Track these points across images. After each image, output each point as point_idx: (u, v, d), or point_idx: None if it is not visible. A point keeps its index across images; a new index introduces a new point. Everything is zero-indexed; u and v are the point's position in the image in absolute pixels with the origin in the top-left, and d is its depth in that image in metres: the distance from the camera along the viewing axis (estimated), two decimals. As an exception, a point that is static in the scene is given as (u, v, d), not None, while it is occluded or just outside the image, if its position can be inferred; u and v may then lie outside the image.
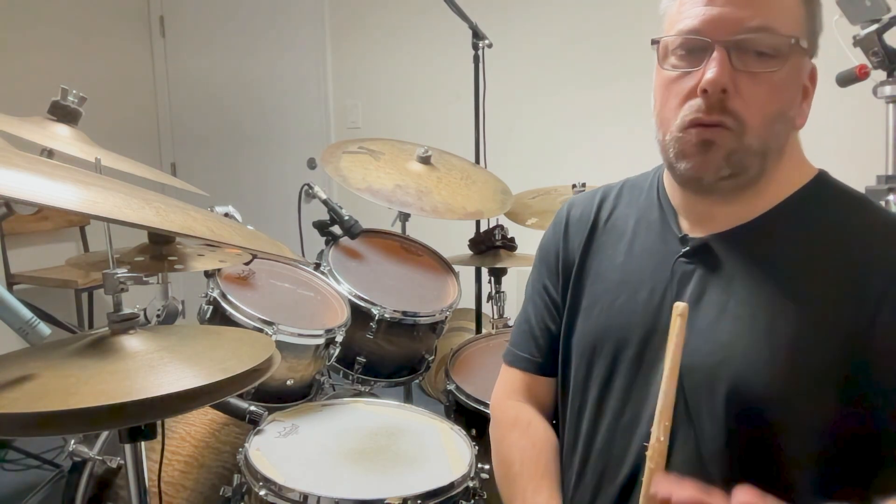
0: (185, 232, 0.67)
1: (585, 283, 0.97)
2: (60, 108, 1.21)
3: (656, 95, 0.85)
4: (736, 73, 0.76)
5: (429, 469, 1.20)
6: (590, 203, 1.02)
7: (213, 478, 1.39)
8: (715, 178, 0.80)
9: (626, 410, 0.88)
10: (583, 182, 2.14)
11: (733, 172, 0.79)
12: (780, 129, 0.80)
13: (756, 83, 0.77)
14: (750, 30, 0.76)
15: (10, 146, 0.88)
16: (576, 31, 3.25)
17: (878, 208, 0.82)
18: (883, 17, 1.65)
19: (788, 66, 0.77)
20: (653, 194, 0.95)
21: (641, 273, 0.90)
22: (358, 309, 1.70)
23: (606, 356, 0.91)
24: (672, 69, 0.81)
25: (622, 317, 0.90)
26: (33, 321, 0.88)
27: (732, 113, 0.77)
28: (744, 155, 0.78)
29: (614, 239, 0.96)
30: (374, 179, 1.94)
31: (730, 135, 0.77)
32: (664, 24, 0.85)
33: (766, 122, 0.78)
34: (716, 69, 0.75)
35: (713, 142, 0.78)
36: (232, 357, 0.87)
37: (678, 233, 0.88)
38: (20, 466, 2.53)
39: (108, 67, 3.66)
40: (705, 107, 0.77)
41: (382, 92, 3.76)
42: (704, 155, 0.79)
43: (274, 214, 2.60)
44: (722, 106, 0.77)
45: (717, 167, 0.79)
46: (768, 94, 0.77)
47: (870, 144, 2.12)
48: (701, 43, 0.78)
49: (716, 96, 0.76)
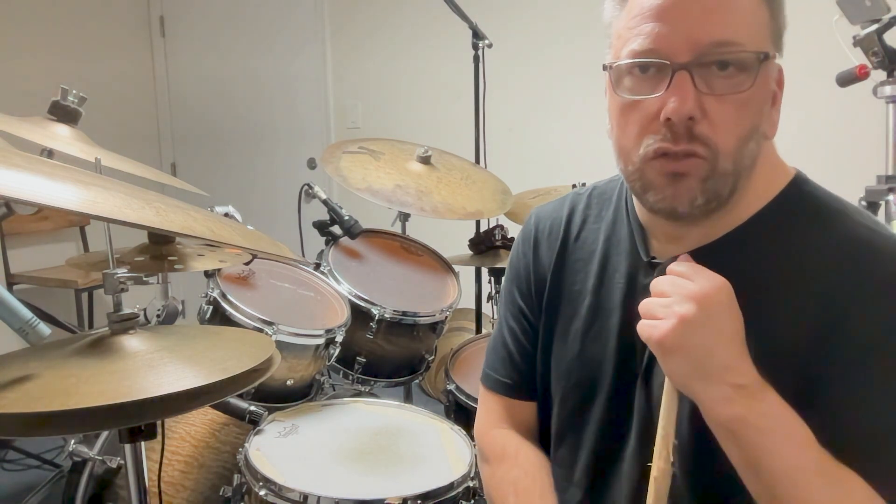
0: (185, 232, 0.67)
1: (559, 305, 0.93)
2: (60, 108, 1.21)
3: (612, 122, 0.78)
4: (701, 95, 0.69)
5: (429, 469, 1.20)
6: (558, 216, 0.96)
7: (213, 478, 1.39)
8: (689, 209, 0.73)
9: (607, 436, 0.87)
10: (583, 182, 2.14)
11: (708, 199, 0.73)
12: (753, 147, 0.73)
13: (724, 103, 0.69)
14: (712, 46, 0.68)
15: (10, 146, 0.88)
16: (576, 31, 3.24)
17: (850, 222, 0.75)
18: (883, 17, 1.65)
19: (758, 80, 0.70)
20: (621, 207, 0.90)
21: (613, 296, 0.87)
22: (358, 309, 1.70)
23: (582, 388, 0.89)
24: (627, 94, 0.73)
25: (597, 343, 0.88)
26: (33, 321, 0.88)
27: (702, 139, 0.70)
28: (718, 180, 0.71)
29: (585, 257, 0.92)
30: (374, 179, 1.94)
31: (702, 163, 0.70)
32: (611, 38, 0.77)
33: (739, 143, 0.71)
34: (679, 97, 0.68)
35: (685, 174, 0.71)
36: (232, 357, 0.87)
37: (645, 256, 0.84)
38: (20, 466, 2.53)
39: (108, 67, 3.66)
40: (671, 136, 0.70)
41: (382, 92, 3.76)
42: (675, 186, 0.72)
43: (274, 214, 2.60)
44: (689, 134, 0.69)
45: (692, 197, 0.72)
46: (738, 113, 0.70)
47: (870, 144, 2.12)
48: (657, 64, 0.70)
49: (682, 125, 0.69)
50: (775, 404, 0.69)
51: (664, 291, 0.72)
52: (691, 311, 0.69)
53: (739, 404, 0.68)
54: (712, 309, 0.69)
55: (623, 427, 0.85)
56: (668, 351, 0.70)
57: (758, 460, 0.68)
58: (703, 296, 0.69)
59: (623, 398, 0.85)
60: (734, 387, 0.69)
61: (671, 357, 0.71)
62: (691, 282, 0.71)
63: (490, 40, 2.34)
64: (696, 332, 0.69)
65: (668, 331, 0.69)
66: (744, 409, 0.68)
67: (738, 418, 0.68)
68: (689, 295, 0.70)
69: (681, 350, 0.70)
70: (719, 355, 0.69)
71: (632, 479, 0.83)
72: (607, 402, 0.87)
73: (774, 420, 0.68)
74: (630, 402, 0.84)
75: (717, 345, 0.69)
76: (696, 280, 0.71)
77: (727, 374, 0.69)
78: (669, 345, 0.70)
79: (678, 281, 0.72)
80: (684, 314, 0.69)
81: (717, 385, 0.69)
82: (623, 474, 0.85)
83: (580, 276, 0.91)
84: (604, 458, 0.87)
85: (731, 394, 0.69)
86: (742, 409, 0.68)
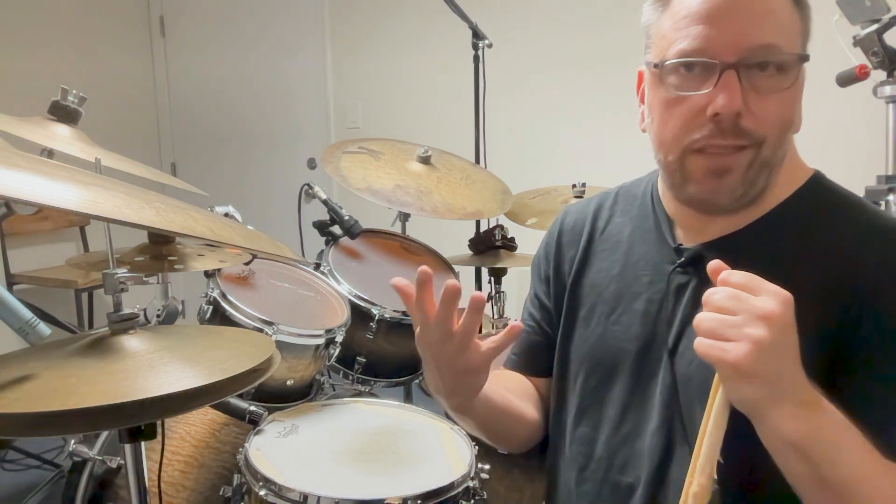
0: (185, 232, 0.66)
1: (582, 294, 0.97)
2: (60, 108, 1.21)
3: (654, 115, 0.83)
4: (745, 92, 0.74)
5: (429, 469, 1.20)
6: (584, 213, 1.02)
7: (213, 478, 1.39)
8: (729, 201, 0.79)
9: (626, 420, 0.89)
10: (583, 182, 2.14)
11: (746, 191, 0.78)
12: (789, 138, 0.80)
13: (767, 99, 0.75)
14: (756, 48, 0.74)
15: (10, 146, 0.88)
16: (576, 31, 3.25)
17: (871, 212, 0.80)
18: (883, 17, 1.66)
19: (797, 79, 0.77)
20: (647, 202, 0.95)
21: (638, 284, 0.90)
22: (358, 309, 1.70)
23: (604, 367, 0.92)
24: (674, 91, 0.78)
25: (620, 328, 0.91)
26: (33, 321, 0.88)
27: (747, 132, 0.75)
28: (758, 169, 0.77)
29: (610, 249, 0.96)
30: (374, 179, 1.94)
31: (746, 153, 0.76)
32: (653, 40, 0.83)
33: (780, 133, 0.77)
34: (728, 93, 0.73)
35: (729, 168, 0.77)
36: (232, 357, 0.87)
37: (672, 243, 0.88)
38: (20, 466, 2.53)
39: (108, 67, 3.66)
40: (718, 131, 0.75)
41: (382, 92, 3.76)
42: (718, 180, 0.77)
43: (274, 214, 2.60)
44: (736, 128, 0.75)
45: (732, 190, 0.78)
46: (780, 108, 0.76)
47: (870, 144, 2.12)
48: (705, 64, 0.75)
49: (729, 120, 0.74)
50: (834, 413, 0.68)
51: (727, 308, 0.67)
52: (766, 334, 0.65)
53: (807, 420, 0.67)
54: (784, 329, 0.66)
55: (646, 405, 0.86)
56: (743, 377, 0.66)
57: (828, 473, 0.67)
58: (776, 316, 0.65)
59: (646, 377, 0.87)
60: (800, 403, 0.67)
61: (745, 383, 0.67)
62: (758, 297, 0.67)
63: (490, 40, 2.34)
64: (772, 356, 0.65)
65: (744, 356, 0.65)
66: (812, 424, 0.67)
67: (808, 435, 0.67)
68: (762, 315, 0.65)
69: (756, 376, 0.66)
70: (790, 376, 0.67)
71: (653, 456, 0.84)
72: (630, 381, 0.89)
73: (837, 429, 0.68)
74: (653, 382, 0.86)
75: (788, 366, 0.67)
76: (764, 296, 0.66)
77: (795, 392, 0.67)
78: (745, 371, 0.66)
79: (742, 296, 0.67)
80: (760, 338, 0.65)
81: (786, 405, 0.67)
82: (645, 451, 0.86)
83: (605, 264, 0.95)
84: (626, 435, 0.89)
85: (797, 412, 0.67)
86: (810, 425, 0.67)
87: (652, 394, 0.86)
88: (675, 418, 0.83)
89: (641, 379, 0.88)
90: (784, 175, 0.82)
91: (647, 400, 0.87)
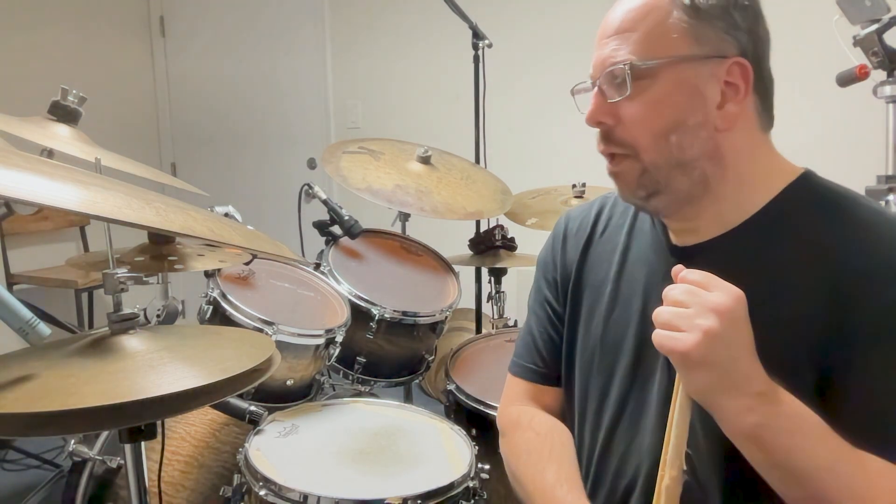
0: (185, 232, 0.67)
1: (583, 295, 0.98)
2: (60, 108, 1.21)
3: None
4: (613, 104, 0.81)
5: (429, 469, 1.20)
6: (587, 214, 1.03)
7: (213, 478, 1.39)
8: (636, 200, 0.85)
9: (623, 419, 0.90)
10: (583, 182, 2.14)
11: (651, 192, 0.82)
12: (682, 139, 0.79)
13: (633, 106, 0.80)
14: (613, 64, 0.80)
15: (10, 146, 0.88)
16: (576, 31, 3.24)
17: (864, 206, 0.79)
18: (883, 17, 1.65)
19: (661, 80, 0.78)
20: None
21: (635, 284, 0.91)
22: (358, 309, 1.70)
23: (603, 367, 0.93)
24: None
25: (617, 328, 0.92)
26: (33, 321, 0.88)
27: (619, 141, 0.81)
28: (652, 173, 0.81)
29: (609, 249, 0.97)
30: (374, 179, 1.94)
31: (627, 160, 0.82)
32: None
33: (656, 137, 0.79)
34: (589, 107, 0.83)
35: (617, 172, 0.84)
36: (232, 357, 0.87)
37: (668, 243, 0.89)
38: (20, 466, 2.53)
39: (108, 67, 3.66)
40: (599, 140, 0.84)
41: (382, 92, 3.76)
42: (617, 183, 0.85)
43: (274, 214, 2.60)
44: (608, 137, 0.82)
45: (632, 191, 0.84)
46: (647, 112, 0.79)
47: (870, 144, 2.12)
48: (590, 87, 0.85)
49: (602, 130, 0.83)
50: (791, 403, 0.70)
51: (682, 301, 0.71)
52: (715, 324, 0.68)
53: (761, 411, 0.69)
54: (735, 321, 0.69)
55: (644, 404, 0.87)
56: (693, 365, 0.69)
57: (784, 461, 0.69)
58: (726, 308, 0.68)
59: (644, 377, 0.88)
60: (754, 395, 0.69)
61: (695, 371, 0.70)
62: (710, 292, 0.70)
63: (490, 40, 2.34)
64: (720, 345, 0.68)
65: (693, 345, 0.68)
66: (765, 415, 0.69)
67: (761, 425, 0.69)
68: (712, 307, 0.69)
69: (705, 364, 0.69)
70: (741, 367, 0.69)
71: (652, 455, 0.85)
72: (628, 381, 0.90)
73: (793, 419, 0.69)
74: (651, 381, 0.87)
75: (740, 357, 0.69)
76: (715, 290, 0.70)
77: (748, 384, 0.69)
78: (694, 359, 0.69)
79: (696, 290, 0.71)
80: (709, 328, 0.68)
81: (740, 396, 0.69)
82: (643, 450, 0.87)
83: (603, 266, 0.97)
84: (624, 434, 0.89)
85: (752, 403, 0.69)
86: (764, 416, 0.69)
87: (649, 393, 0.87)
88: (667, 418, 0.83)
89: (638, 379, 0.88)
90: (762, 177, 0.82)
91: (645, 400, 0.87)
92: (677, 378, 0.75)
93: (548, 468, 0.92)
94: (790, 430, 0.69)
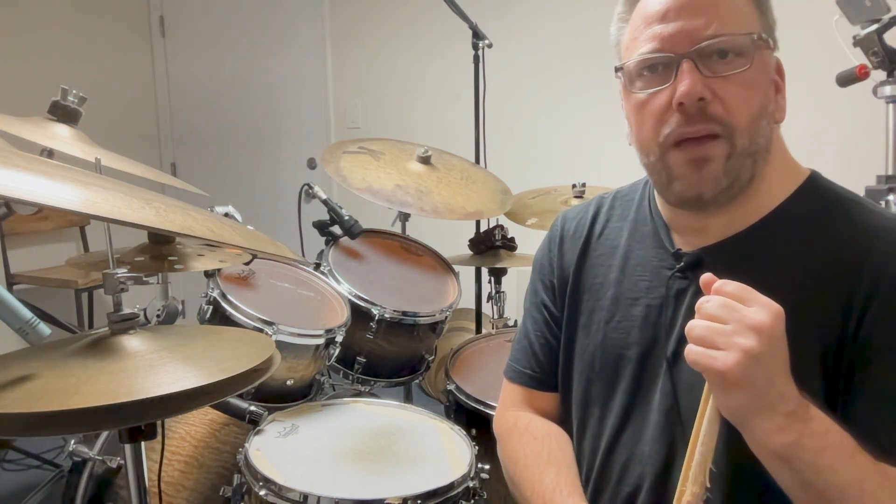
0: (185, 232, 0.66)
1: (581, 299, 0.96)
2: (60, 108, 1.21)
3: (631, 121, 0.84)
4: (707, 80, 0.75)
5: (429, 469, 1.20)
6: (583, 217, 1.01)
7: (213, 478, 1.39)
8: (714, 192, 0.78)
9: (627, 427, 0.88)
10: (583, 182, 2.14)
11: (731, 181, 0.77)
12: (764, 126, 0.78)
13: (730, 84, 0.75)
14: (709, 37, 0.75)
15: (10, 146, 0.88)
16: (576, 31, 3.24)
17: (870, 210, 0.79)
18: (883, 17, 1.65)
19: (756, 61, 0.76)
20: (644, 207, 0.94)
21: (636, 289, 0.89)
22: (358, 309, 1.70)
23: (605, 373, 0.91)
24: (641, 91, 0.80)
25: (619, 334, 0.90)
26: (33, 321, 0.88)
27: (716, 118, 0.75)
28: (738, 158, 0.76)
29: (608, 253, 0.95)
30: (374, 179, 1.94)
31: (722, 142, 0.76)
32: (620, 52, 0.85)
33: (751, 119, 0.76)
34: (687, 80, 0.75)
35: (707, 157, 0.76)
36: (232, 357, 0.87)
37: (671, 248, 0.87)
38: (20, 466, 2.53)
39: (108, 67, 3.66)
40: (685, 120, 0.76)
41: (382, 92, 3.76)
42: (699, 171, 0.77)
43: (274, 214, 2.60)
44: (703, 114, 0.75)
45: (716, 180, 0.77)
46: (745, 91, 0.76)
47: (870, 144, 2.12)
48: (665, 59, 0.77)
49: (694, 107, 0.75)
50: (821, 421, 0.68)
51: (718, 316, 0.68)
52: (756, 344, 0.65)
53: (792, 430, 0.67)
54: (774, 341, 0.66)
55: (647, 412, 0.86)
56: (730, 385, 0.67)
57: (814, 479, 0.68)
58: (766, 327, 0.66)
59: (647, 384, 0.87)
60: (787, 414, 0.67)
61: (731, 391, 0.68)
62: (749, 308, 0.67)
63: (490, 40, 2.34)
64: (760, 366, 0.66)
65: (733, 364, 0.65)
66: (797, 434, 0.67)
67: (792, 444, 0.67)
68: (753, 325, 0.66)
69: (743, 385, 0.66)
70: (777, 386, 0.67)
71: (655, 463, 0.84)
72: (631, 388, 0.88)
73: (823, 437, 0.68)
74: (654, 388, 0.85)
75: (776, 376, 0.67)
76: (754, 306, 0.67)
77: (782, 403, 0.67)
78: (732, 379, 0.66)
79: (734, 305, 0.68)
80: (749, 347, 0.65)
81: (774, 416, 0.67)
82: (646, 458, 0.86)
83: (602, 269, 0.95)
84: (627, 441, 0.88)
85: (784, 422, 0.67)
86: (795, 435, 0.67)
87: (652, 400, 0.86)
88: (677, 425, 0.83)
89: (642, 385, 0.87)
90: (777, 174, 0.81)
91: (648, 406, 0.86)
92: (705, 392, 0.72)
93: (546, 472, 0.91)
94: (819, 448, 0.67)
